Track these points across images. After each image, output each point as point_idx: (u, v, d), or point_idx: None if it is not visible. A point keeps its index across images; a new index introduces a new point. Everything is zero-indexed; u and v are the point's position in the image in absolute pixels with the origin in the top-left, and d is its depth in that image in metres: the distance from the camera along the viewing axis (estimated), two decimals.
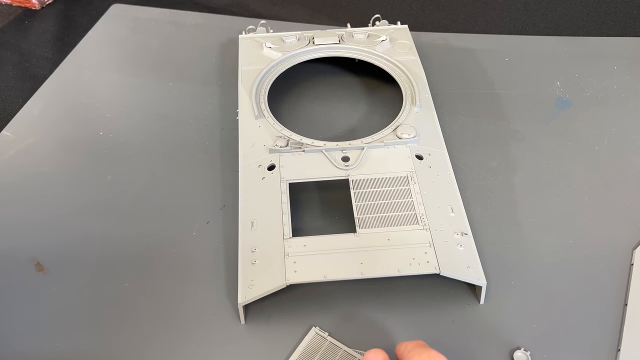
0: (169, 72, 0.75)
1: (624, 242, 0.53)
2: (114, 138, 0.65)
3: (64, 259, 0.52)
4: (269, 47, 0.69)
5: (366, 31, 0.71)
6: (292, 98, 0.70)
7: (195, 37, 0.81)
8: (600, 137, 0.64)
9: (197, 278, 0.51)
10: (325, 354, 0.44)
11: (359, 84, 0.73)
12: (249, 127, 0.59)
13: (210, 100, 0.70)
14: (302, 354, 0.44)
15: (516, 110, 0.68)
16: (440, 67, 0.74)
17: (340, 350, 0.44)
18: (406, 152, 0.55)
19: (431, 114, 0.61)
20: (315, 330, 0.46)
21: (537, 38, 0.80)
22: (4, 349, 0.46)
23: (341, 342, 0.45)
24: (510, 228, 0.55)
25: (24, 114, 0.69)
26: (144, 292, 0.50)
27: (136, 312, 0.48)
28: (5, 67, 0.82)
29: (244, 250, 0.48)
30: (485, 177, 0.60)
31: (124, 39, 0.81)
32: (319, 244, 0.47)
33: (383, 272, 0.45)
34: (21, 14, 0.94)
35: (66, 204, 0.58)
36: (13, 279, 0.51)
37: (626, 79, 0.72)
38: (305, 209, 0.56)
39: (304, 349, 0.44)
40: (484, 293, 0.48)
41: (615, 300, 0.49)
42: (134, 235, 0.54)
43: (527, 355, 0.44)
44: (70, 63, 0.77)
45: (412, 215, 0.49)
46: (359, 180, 0.52)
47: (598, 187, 0.58)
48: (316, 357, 0.44)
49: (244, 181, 0.54)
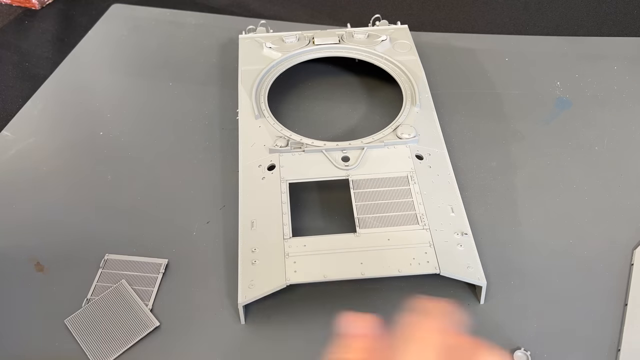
0: (169, 72, 0.75)
1: (624, 242, 0.53)
2: (114, 138, 0.65)
3: (64, 259, 0.52)
4: (269, 47, 0.69)
5: (366, 31, 0.71)
6: (292, 98, 0.70)
7: (195, 37, 0.81)
8: (600, 137, 0.64)
9: (197, 278, 0.51)
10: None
11: (359, 84, 0.73)
12: (249, 127, 0.59)
13: (210, 100, 0.70)
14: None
15: (516, 110, 0.68)
16: (440, 67, 0.74)
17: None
18: (406, 152, 0.55)
19: (431, 114, 0.61)
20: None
21: (537, 38, 0.80)
22: (4, 349, 0.46)
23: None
24: (510, 228, 0.55)
25: (24, 114, 0.69)
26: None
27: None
28: (5, 67, 0.82)
29: (244, 250, 0.48)
30: (485, 177, 0.60)
31: (124, 39, 0.81)
32: (319, 244, 0.47)
33: (383, 272, 0.45)
34: (21, 14, 0.93)
35: (66, 204, 0.58)
36: (13, 279, 0.51)
37: (626, 79, 0.72)
38: (305, 209, 0.56)
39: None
40: (484, 293, 0.48)
41: (616, 300, 0.49)
42: (133, 235, 0.54)
43: (527, 355, 0.44)
44: (70, 63, 0.77)
45: (412, 215, 0.49)
46: (359, 180, 0.52)
47: (598, 187, 0.58)
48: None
49: (244, 181, 0.54)
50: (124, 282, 0.50)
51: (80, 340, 0.46)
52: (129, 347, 0.46)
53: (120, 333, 0.47)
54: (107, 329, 0.47)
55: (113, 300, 0.49)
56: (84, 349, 0.46)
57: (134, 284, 0.50)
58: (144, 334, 0.47)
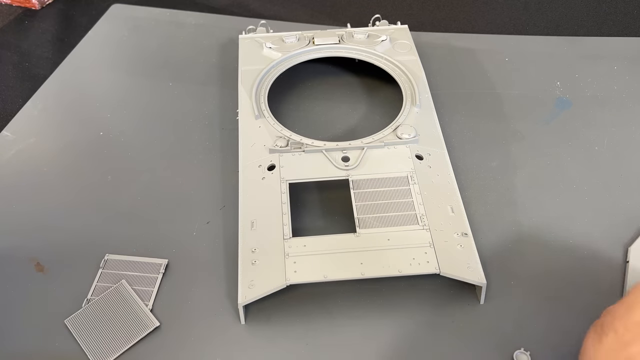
0: (169, 72, 0.75)
1: (624, 242, 0.53)
2: (114, 138, 0.65)
3: (64, 259, 0.52)
4: (269, 47, 0.69)
5: (366, 31, 0.71)
6: (292, 98, 0.70)
7: (195, 37, 0.81)
8: (600, 137, 0.64)
9: (197, 278, 0.51)
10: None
11: (359, 84, 0.73)
12: (249, 127, 0.59)
13: (210, 100, 0.70)
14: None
15: (516, 110, 0.68)
16: (440, 67, 0.74)
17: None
18: (406, 152, 0.55)
19: (431, 114, 0.61)
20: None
21: (537, 38, 0.80)
22: (4, 349, 0.46)
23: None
24: (510, 228, 0.55)
25: (24, 114, 0.69)
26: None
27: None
28: (5, 67, 0.82)
29: (244, 250, 0.48)
30: (485, 177, 0.60)
31: (124, 39, 0.81)
32: (319, 244, 0.47)
33: (383, 272, 0.45)
34: (21, 14, 0.93)
35: (66, 204, 0.58)
36: (13, 279, 0.51)
37: (626, 79, 0.72)
38: (305, 209, 0.56)
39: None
40: (484, 293, 0.48)
41: (615, 300, 0.48)
42: (134, 235, 0.54)
43: (527, 355, 0.44)
44: (70, 63, 0.77)
45: (412, 215, 0.49)
46: (359, 180, 0.52)
47: (598, 187, 0.58)
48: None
49: (244, 181, 0.54)
50: (124, 282, 0.50)
51: (80, 340, 0.46)
52: (129, 347, 0.46)
53: (120, 333, 0.47)
54: (107, 329, 0.47)
55: (113, 300, 0.49)
56: (84, 349, 0.46)
57: (134, 284, 0.50)
58: (144, 334, 0.47)
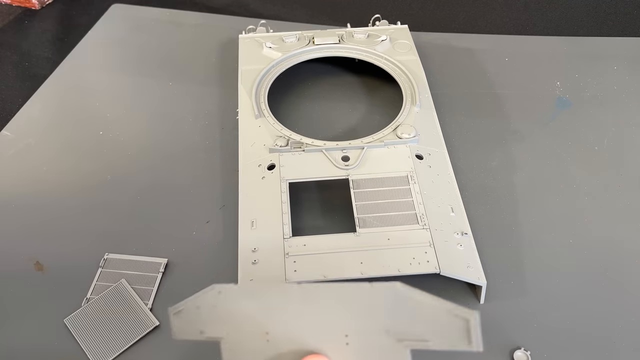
0: (169, 72, 0.75)
1: (623, 242, 0.53)
2: (114, 138, 0.65)
3: (63, 258, 0.52)
4: (269, 47, 0.69)
5: (366, 31, 0.71)
6: (292, 98, 0.70)
7: (195, 37, 0.81)
8: (600, 137, 0.64)
9: (197, 277, 0.51)
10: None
11: (359, 84, 0.73)
12: (249, 126, 0.59)
13: (210, 100, 0.70)
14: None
15: (516, 110, 0.68)
16: (440, 67, 0.74)
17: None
18: (406, 151, 0.55)
19: (431, 114, 0.61)
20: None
21: (537, 38, 0.80)
22: (4, 348, 0.46)
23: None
24: (510, 228, 0.55)
25: (24, 114, 0.69)
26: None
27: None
28: (5, 67, 0.82)
29: (244, 250, 0.48)
30: (485, 177, 0.60)
31: (124, 39, 0.81)
32: (319, 244, 0.47)
33: (383, 272, 0.45)
34: (21, 14, 0.94)
35: (66, 203, 0.58)
36: (13, 278, 0.51)
37: (626, 79, 0.72)
38: (305, 209, 0.56)
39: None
40: (484, 293, 0.48)
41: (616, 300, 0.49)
42: (133, 234, 0.54)
43: (527, 355, 0.44)
44: (70, 63, 0.77)
45: (412, 215, 0.49)
46: (359, 180, 0.52)
47: (598, 187, 0.58)
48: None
49: (244, 181, 0.54)
50: (124, 282, 0.50)
51: (80, 339, 0.46)
52: (128, 346, 0.46)
53: (120, 332, 0.47)
54: (106, 328, 0.47)
55: (113, 299, 0.49)
56: (84, 348, 0.46)
57: (134, 283, 0.50)
58: (144, 333, 0.47)
